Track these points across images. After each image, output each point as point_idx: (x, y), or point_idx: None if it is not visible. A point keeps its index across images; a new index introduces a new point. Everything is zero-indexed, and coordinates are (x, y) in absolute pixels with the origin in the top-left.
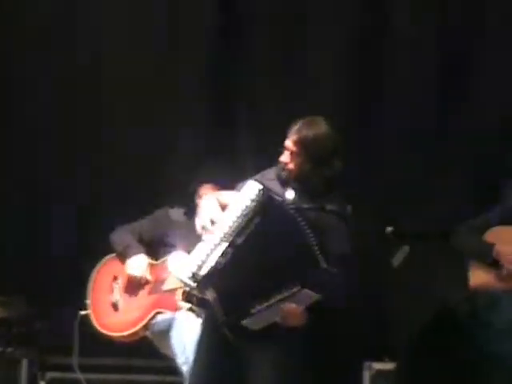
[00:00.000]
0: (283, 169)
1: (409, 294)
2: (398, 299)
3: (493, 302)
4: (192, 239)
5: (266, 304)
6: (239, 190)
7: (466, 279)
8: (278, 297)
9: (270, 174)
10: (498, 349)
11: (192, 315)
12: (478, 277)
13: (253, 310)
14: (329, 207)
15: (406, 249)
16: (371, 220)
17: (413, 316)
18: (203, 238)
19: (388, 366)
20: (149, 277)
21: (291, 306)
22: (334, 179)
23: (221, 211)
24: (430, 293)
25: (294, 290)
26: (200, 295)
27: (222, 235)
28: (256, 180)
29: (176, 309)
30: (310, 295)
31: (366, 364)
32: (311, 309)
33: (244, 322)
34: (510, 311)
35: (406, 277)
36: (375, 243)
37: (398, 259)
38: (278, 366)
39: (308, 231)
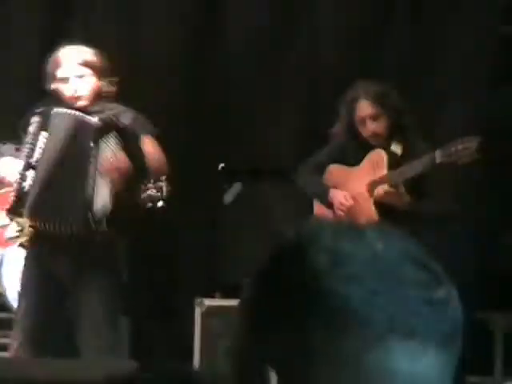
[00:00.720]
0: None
1: (242, 231)
2: (230, 236)
3: (315, 237)
4: None
5: None
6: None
7: (300, 216)
8: None
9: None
10: (319, 286)
11: (23, 250)
12: (319, 215)
13: None
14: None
15: (238, 185)
16: (204, 157)
17: (245, 252)
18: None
19: (219, 302)
20: None
21: None
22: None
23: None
24: (264, 229)
25: None
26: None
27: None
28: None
29: (6, 244)
30: None
31: (198, 300)
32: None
33: None
34: (333, 245)
35: (238, 213)
36: (207, 180)
37: (230, 196)
38: (106, 293)
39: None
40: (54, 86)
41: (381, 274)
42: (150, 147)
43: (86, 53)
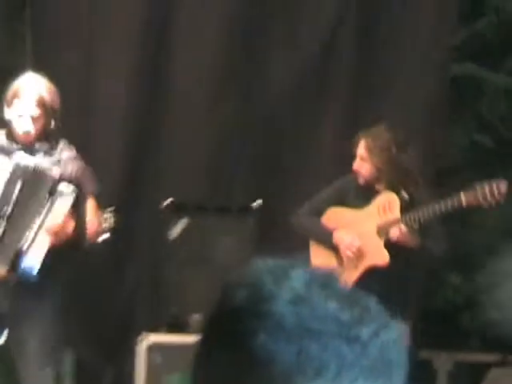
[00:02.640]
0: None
1: (187, 268)
2: (176, 271)
3: (243, 275)
4: None
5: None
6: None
7: (246, 254)
8: None
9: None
10: (234, 323)
11: None
12: (318, 258)
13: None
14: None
15: (184, 221)
16: (148, 191)
17: (191, 288)
18: None
19: (165, 337)
20: None
21: None
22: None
23: None
24: (210, 267)
25: None
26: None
27: None
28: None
29: None
30: None
31: (142, 335)
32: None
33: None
34: (255, 283)
35: (184, 249)
36: (153, 215)
37: (176, 232)
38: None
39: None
40: (8, 115)
41: (298, 312)
42: (91, 211)
43: (44, 89)
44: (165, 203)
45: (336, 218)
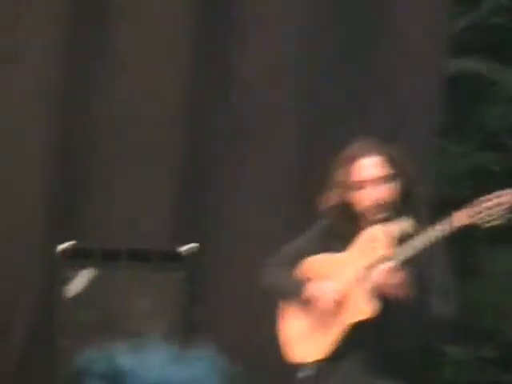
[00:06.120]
0: None
1: (90, 335)
2: (74, 340)
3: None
4: None
5: None
6: None
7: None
8: None
9: None
10: None
11: None
12: (289, 322)
13: None
14: None
15: (88, 272)
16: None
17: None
18: None
19: None
20: None
21: None
22: None
23: None
24: (122, 334)
25: None
26: None
27: None
28: None
29: None
30: None
31: None
32: None
33: None
34: (111, 370)
35: (86, 310)
36: (47, 265)
37: (76, 286)
38: None
39: None
40: None
41: None
42: None
43: None
44: (62, 247)
45: (313, 268)
